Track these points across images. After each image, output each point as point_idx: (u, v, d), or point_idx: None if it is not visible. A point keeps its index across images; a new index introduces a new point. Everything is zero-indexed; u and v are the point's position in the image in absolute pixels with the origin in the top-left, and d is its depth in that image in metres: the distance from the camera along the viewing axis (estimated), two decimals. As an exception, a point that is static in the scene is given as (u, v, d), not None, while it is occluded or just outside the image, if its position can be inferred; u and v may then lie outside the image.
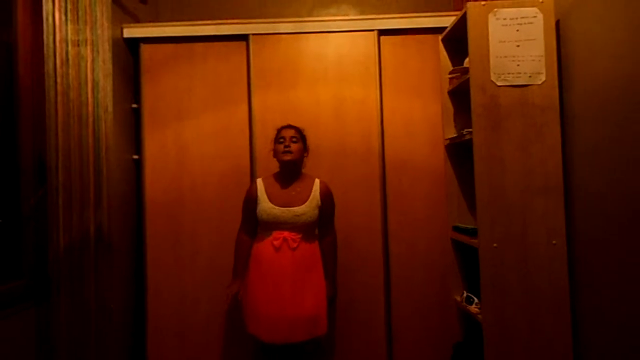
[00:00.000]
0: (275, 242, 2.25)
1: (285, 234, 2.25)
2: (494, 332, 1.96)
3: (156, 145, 2.70)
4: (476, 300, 2.18)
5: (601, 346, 1.80)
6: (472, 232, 2.14)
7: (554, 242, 1.95)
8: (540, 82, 1.97)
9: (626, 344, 1.65)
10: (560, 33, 2.00)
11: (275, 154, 2.35)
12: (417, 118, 2.67)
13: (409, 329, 2.63)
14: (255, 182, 2.37)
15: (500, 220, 1.97)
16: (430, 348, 2.61)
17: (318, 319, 2.23)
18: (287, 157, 2.30)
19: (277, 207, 2.27)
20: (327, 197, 2.36)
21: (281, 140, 2.32)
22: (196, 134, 2.70)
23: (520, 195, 1.97)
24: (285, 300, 2.20)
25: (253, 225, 2.36)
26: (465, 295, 2.27)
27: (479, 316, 2.04)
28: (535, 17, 1.98)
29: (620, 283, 1.67)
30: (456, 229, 2.38)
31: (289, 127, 2.36)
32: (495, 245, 1.96)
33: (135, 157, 2.74)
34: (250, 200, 2.34)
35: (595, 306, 1.84)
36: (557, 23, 2.01)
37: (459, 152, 2.43)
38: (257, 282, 2.26)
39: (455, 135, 2.37)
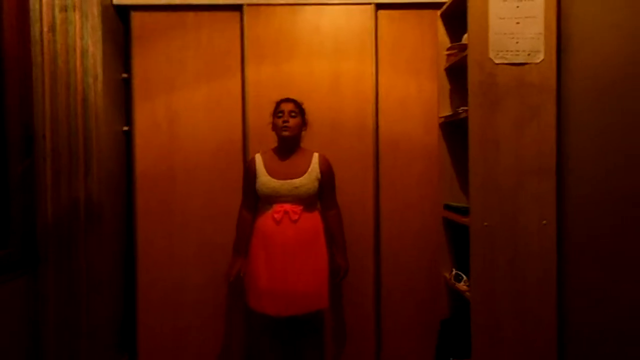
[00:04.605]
0: (276, 215, 2.24)
1: (286, 206, 2.25)
2: (482, 309, 1.98)
3: (147, 116, 2.64)
4: (465, 277, 2.20)
5: (587, 326, 1.83)
6: (464, 211, 2.14)
7: (544, 222, 1.95)
8: (538, 61, 1.95)
9: (614, 327, 1.67)
10: (561, 11, 1.96)
11: (274, 128, 2.33)
12: (413, 95, 2.64)
13: (397, 304, 2.66)
14: (254, 157, 2.35)
15: (492, 199, 1.97)
16: (418, 324, 2.65)
17: (320, 292, 2.25)
18: (286, 133, 2.28)
19: (275, 180, 2.26)
20: (327, 169, 2.35)
21: (280, 114, 2.30)
22: (188, 106, 2.65)
23: (513, 175, 1.96)
24: (288, 273, 2.21)
25: (253, 201, 2.35)
26: (454, 272, 2.29)
27: (467, 293, 2.07)
28: (536, -7, 1.94)
29: (608, 265, 1.69)
30: (448, 207, 2.38)
31: (288, 100, 2.33)
32: (486, 224, 1.97)
33: (125, 128, 2.69)
34: (249, 175, 2.33)
35: (582, 286, 1.86)
36: (559, 1, 1.97)
37: (453, 130, 2.41)
38: (259, 257, 2.26)
39: (450, 113, 2.35)
